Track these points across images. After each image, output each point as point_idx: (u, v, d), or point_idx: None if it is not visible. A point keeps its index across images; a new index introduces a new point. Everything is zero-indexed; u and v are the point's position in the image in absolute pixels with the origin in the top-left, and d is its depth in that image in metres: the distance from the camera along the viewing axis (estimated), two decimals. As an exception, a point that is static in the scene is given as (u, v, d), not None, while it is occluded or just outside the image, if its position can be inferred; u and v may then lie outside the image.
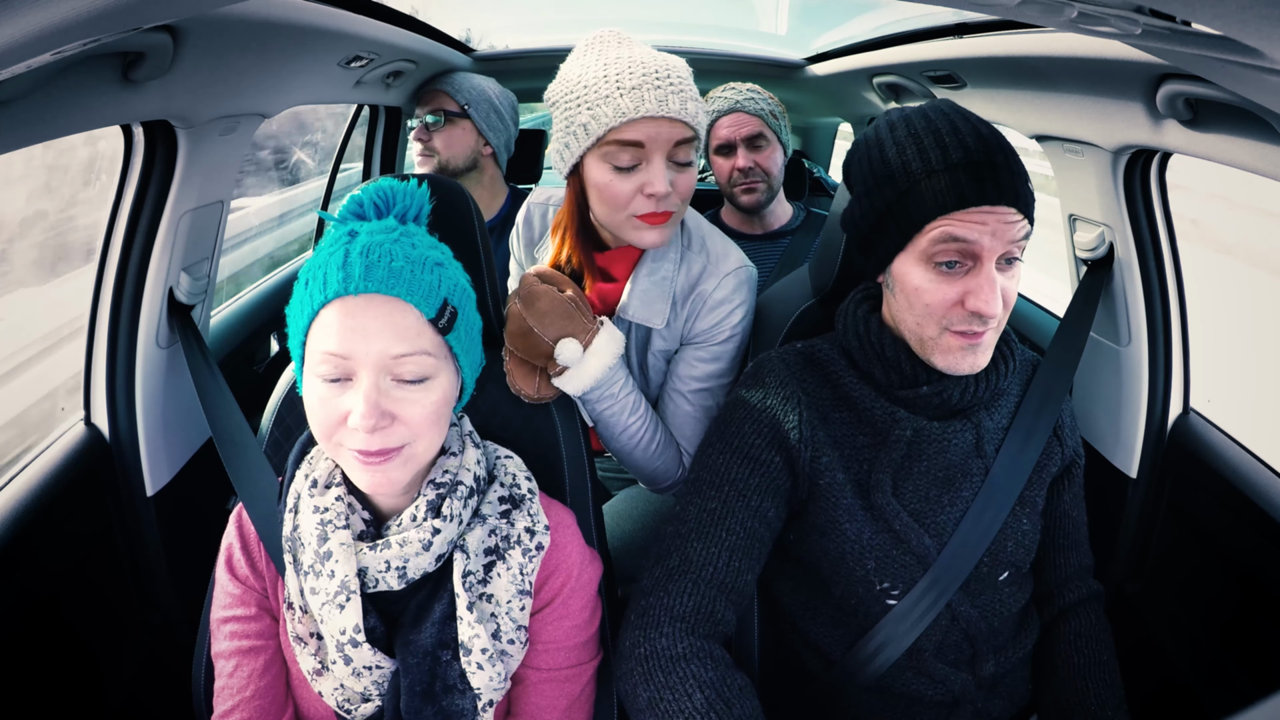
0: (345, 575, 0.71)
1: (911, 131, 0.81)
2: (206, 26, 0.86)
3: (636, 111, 0.92)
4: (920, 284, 0.81)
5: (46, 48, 0.50)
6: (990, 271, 0.78)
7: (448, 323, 0.70)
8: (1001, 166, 0.76)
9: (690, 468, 0.95)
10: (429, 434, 0.71)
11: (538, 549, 0.79)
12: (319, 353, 0.67)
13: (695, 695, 0.75)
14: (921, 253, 0.80)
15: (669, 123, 0.94)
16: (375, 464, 0.68)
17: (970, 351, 0.82)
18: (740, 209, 1.75)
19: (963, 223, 0.77)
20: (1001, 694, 0.93)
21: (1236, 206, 6.62)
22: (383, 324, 0.66)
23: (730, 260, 1.09)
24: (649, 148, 0.95)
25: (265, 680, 0.78)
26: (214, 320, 1.55)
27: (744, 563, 0.85)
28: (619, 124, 0.93)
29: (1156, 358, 1.23)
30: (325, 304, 0.67)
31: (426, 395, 0.69)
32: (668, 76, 0.94)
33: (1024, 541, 0.91)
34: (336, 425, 0.68)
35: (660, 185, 0.95)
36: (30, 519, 1.00)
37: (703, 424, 1.12)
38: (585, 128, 0.95)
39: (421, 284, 0.68)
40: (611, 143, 0.95)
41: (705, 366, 1.10)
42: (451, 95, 1.73)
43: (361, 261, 0.66)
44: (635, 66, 0.94)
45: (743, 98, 1.68)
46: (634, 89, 0.93)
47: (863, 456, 0.89)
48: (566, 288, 1.00)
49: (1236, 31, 0.48)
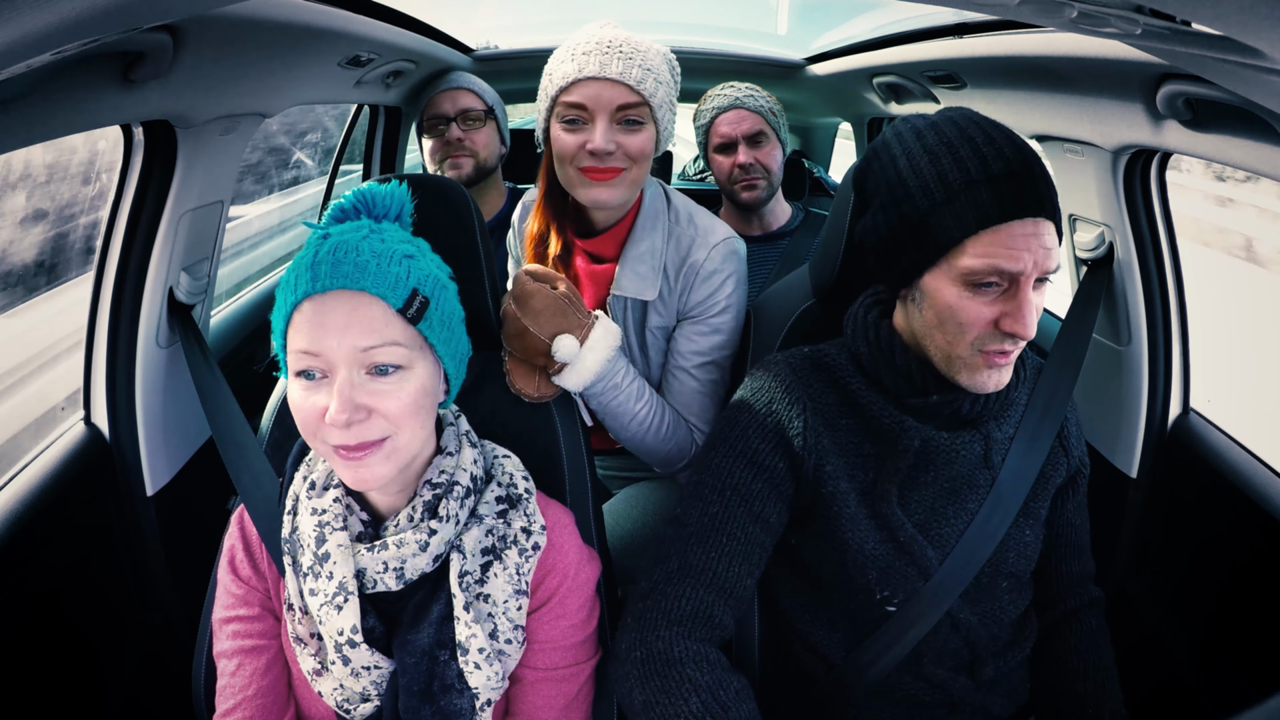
0: (343, 576, 0.71)
1: (944, 140, 0.77)
2: (206, 26, 0.86)
3: (580, 73, 1.00)
4: (954, 302, 0.77)
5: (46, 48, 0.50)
6: (1029, 294, 0.74)
7: (417, 312, 0.70)
8: (1040, 177, 0.74)
9: (694, 469, 0.94)
10: (409, 425, 0.70)
11: (534, 549, 0.79)
12: (294, 353, 0.68)
13: (691, 699, 0.74)
14: (958, 274, 0.76)
15: (610, 84, 1.01)
16: (357, 459, 0.68)
17: (996, 371, 0.80)
18: (740, 206, 1.75)
19: (1006, 246, 0.73)
20: (1000, 692, 0.92)
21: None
22: (349, 318, 0.67)
23: (717, 232, 1.13)
24: (592, 108, 1.02)
25: (267, 680, 0.78)
26: (214, 320, 1.55)
27: (744, 568, 0.85)
28: (565, 85, 1.02)
29: (1156, 358, 1.23)
30: (296, 305, 0.68)
31: (401, 386, 0.69)
32: (619, 47, 1.01)
33: (1026, 552, 0.91)
34: (317, 423, 0.68)
35: (600, 141, 1.01)
36: (30, 518, 1.00)
37: (710, 398, 1.14)
38: (545, 91, 1.07)
39: (387, 275, 0.68)
40: (561, 104, 1.04)
41: (705, 340, 1.12)
42: (479, 95, 1.72)
43: (329, 259, 0.67)
44: (595, 40, 1.02)
45: (742, 94, 1.69)
46: (584, 54, 1.01)
47: (868, 465, 0.87)
48: (559, 284, 1.00)
49: (1236, 31, 0.48)
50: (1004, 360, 0.79)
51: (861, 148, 2.58)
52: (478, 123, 1.69)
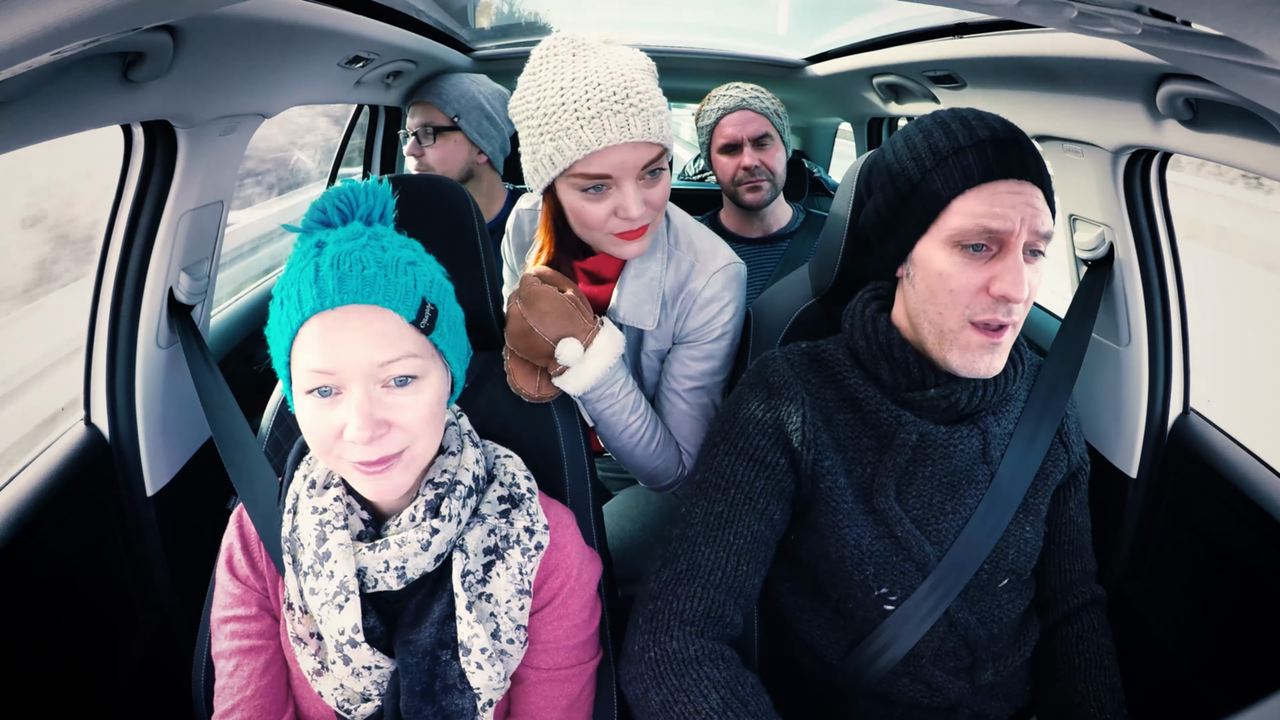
0: (344, 575, 0.71)
1: (938, 119, 0.82)
2: (206, 26, 0.86)
3: (599, 143, 0.89)
4: (945, 268, 0.79)
5: (46, 48, 0.50)
6: (1018, 256, 0.77)
7: (429, 322, 0.70)
8: (1026, 147, 0.78)
9: (694, 468, 0.94)
10: (426, 434, 0.71)
11: (537, 549, 0.79)
12: (305, 371, 0.66)
13: (711, 696, 0.74)
14: (947, 236, 0.79)
15: (633, 147, 0.91)
16: (378, 473, 0.68)
17: (989, 352, 0.80)
18: (743, 207, 1.75)
19: (991, 205, 0.76)
20: (999, 696, 0.92)
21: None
22: (365, 334, 0.65)
23: (718, 258, 1.09)
24: (617, 175, 0.93)
25: (265, 680, 0.78)
26: (214, 320, 1.55)
27: (751, 566, 0.85)
28: (583, 157, 0.90)
29: (1156, 358, 1.23)
30: (304, 322, 0.66)
31: (418, 397, 0.69)
32: (626, 98, 0.89)
33: (1026, 549, 0.91)
34: (333, 440, 0.67)
35: (634, 209, 0.94)
36: (31, 519, 1.00)
37: (700, 422, 1.12)
38: (550, 159, 0.93)
39: (398, 287, 0.67)
40: (579, 175, 0.93)
41: (698, 365, 1.10)
42: (440, 107, 1.68)
43: (333, 274, 0.64)
44: (592, 91, 0.89)
45: (748, 96, 1.68)
46: (594, 118, 0.89)
47: (866, 460, 0.88)
48: (567, 288, 1.00)
49: (1236, 31, 0.48)
50: (995, 339, 0.79)
51: (862, 148, 2.58)
52: (431, 138, 1.68)
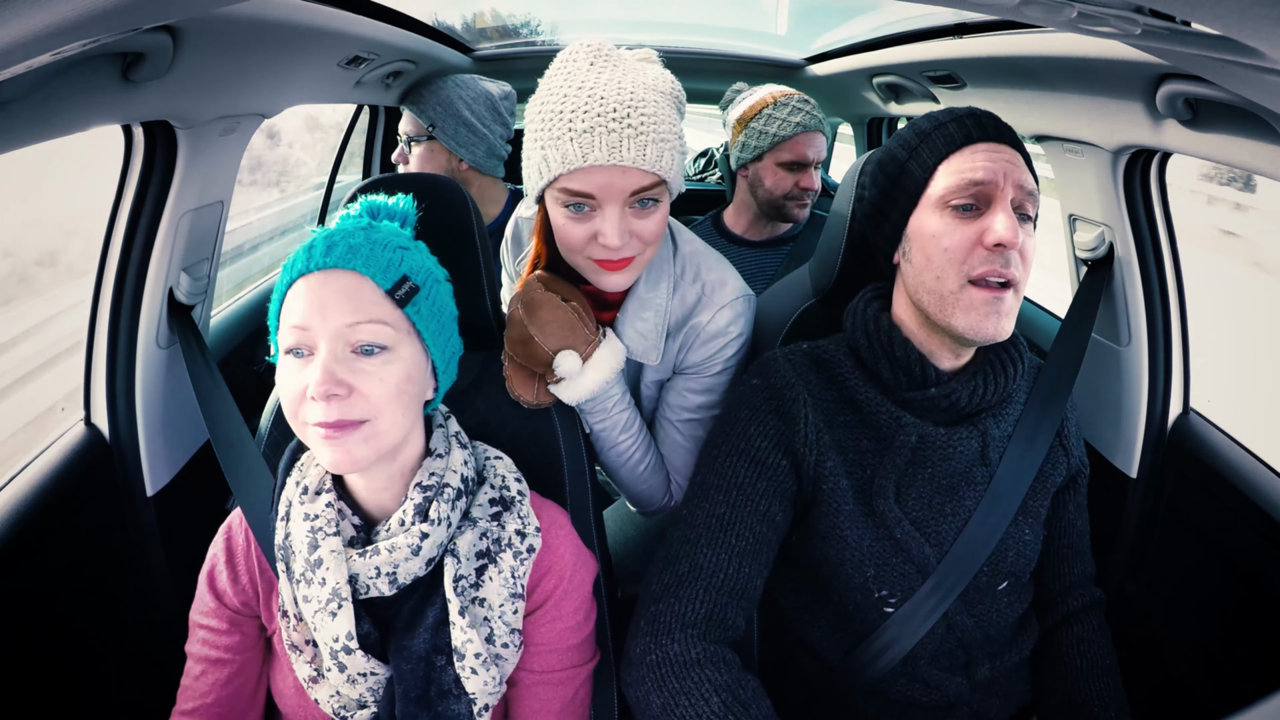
0: (336, 583, 0.71)
1: (924, 114, 0.89)
2: (206, 26, 0.86)
3: (583, 160, 0.82)
4: (938, 229, 0.82)
5: (46, 48, 0.50)
6: (1007, 207, 0.80)
7: (405, 295, 0.71)
8: (1003, 123, 0.85)
9: (696, 468, 0.93)
10: (389, 410, 0.70)
11: (529, 551, 0.79)
12: (285, 329, 0.70)
13: (712, 699, 0.74)
14: (937, 199, 0.83)
15: (622, 171, 0.83)
16: (335, 437, 0.68)
17: (994, 311, 0.79)
18: (783, 219, 1.74)
19: (972, 162, 0.81)
20: (999, 694, 0.92)
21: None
22: (339, 296, 0.69)
23: (727, 290, 1.02)
24: (600, 198, 0.85)
25: (228, 691, 0.79)
26: (214, 320, 1.55)
27: (753, 568, 0.85)
28: (567, 171, 0.83)
29: (1156, 358, 1.23)
30: (290, 284, 0.71)
31: (385, 368, 0.69)
32: (626, 117, 0.82)
33: (1025, 551, 0.91)
34: (300, 400, 0.69)
35: (613, 238, 0.86)
36: (30, 519, 1.00)
37: (692, 454, 1.08)
38: (539, 169, 0.87)
39: (379, 259, 0.71)
40: (562, 189, 0.86)
41: (696, 398, 1.06)
42: (416, 116, 1.68)
43: (324, 243, 0.71)
44: (593, 104, 0.82)
45: (819, 115, 1.64)
46: (585, 133, 0.82)
47: (866, 461, 0.88)
48: (571, 297, 0.98)
49: (1236, 31, 0.48)
50: (1000, 295, 0.80)
51: (862, 148, 2.58)
52: (408, 146, 1.70)
